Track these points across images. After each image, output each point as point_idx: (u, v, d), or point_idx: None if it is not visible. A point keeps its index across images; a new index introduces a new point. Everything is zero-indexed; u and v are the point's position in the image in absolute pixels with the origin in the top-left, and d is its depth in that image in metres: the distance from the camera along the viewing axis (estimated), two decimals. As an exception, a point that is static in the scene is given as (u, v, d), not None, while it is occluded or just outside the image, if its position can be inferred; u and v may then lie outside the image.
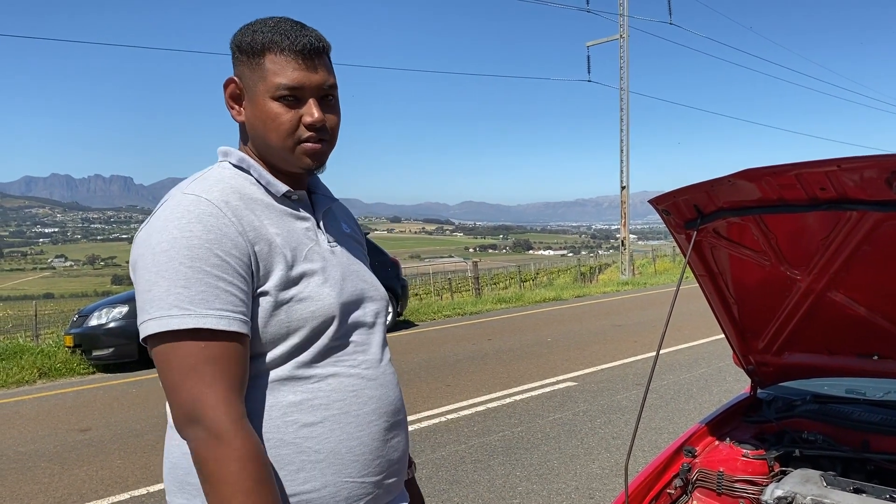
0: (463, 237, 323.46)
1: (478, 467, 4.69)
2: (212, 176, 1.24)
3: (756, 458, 2.39)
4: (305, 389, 1.20)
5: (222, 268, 1.12)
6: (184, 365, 1.09)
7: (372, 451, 1.25)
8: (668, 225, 2.37)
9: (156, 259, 1.11)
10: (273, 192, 1.26)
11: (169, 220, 1.13)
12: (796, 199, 1.99)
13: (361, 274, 1.35)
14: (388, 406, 1.30)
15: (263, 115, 1.21)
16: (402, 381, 7.42)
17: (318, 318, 1.21)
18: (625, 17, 24.87)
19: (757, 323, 2.57)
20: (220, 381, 1.09)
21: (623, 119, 25.14)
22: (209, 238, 1.12)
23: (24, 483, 4.83)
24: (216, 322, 1.10)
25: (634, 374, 7.32)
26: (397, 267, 11.61)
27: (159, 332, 1.09)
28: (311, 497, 1.19)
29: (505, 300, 15.69)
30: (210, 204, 1.15)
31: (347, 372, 1.25)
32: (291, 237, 1.24)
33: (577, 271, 28.47)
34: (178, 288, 1.09)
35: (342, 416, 1.22)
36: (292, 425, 1.19)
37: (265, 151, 1.26)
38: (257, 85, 1.21)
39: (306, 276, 1.22)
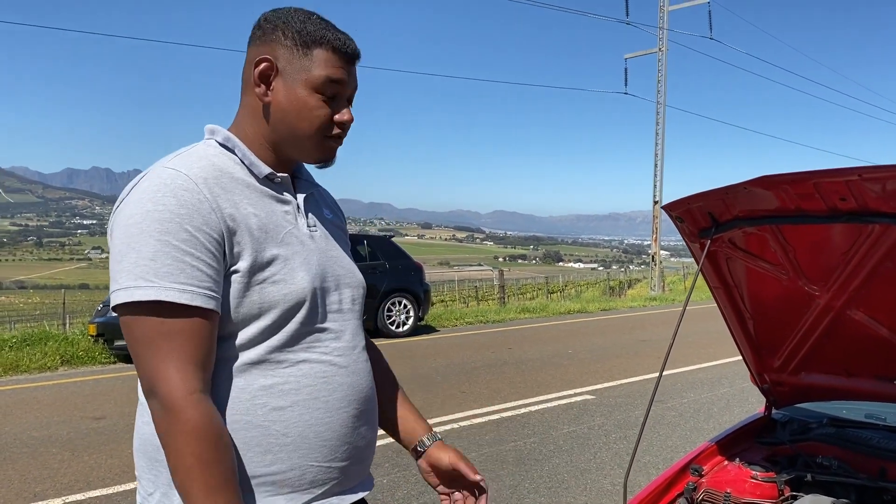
0: (493, 246, 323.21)
1: (487, 476, 4.58)
2: (195, 152, 1.23)
3: (766, 480, 2.28)
4: (276, 374, 1.20)
5: (191, 243, 1.11)
6: (145, 337, 1.09)
7: (339, 437, 1.26)
8: (681, 233, 2.28)
9: (128, 231, 1.11)
10: (256, 173, 1.26)
11: (145, 192, 1.13)
12: (815, 210, 1.89)
13: (340, 260, 1.35)
14: (358, 394, 1.30)
15: (300, 104, 1.23)
16: (417, 386, 7.37)
17: (290, 301, 1.20)
18: (664, 31, 24.65)
19: (773, 340, 2.47)
20: (178, 355, 1.09)
21: (658, 133, 24.89)
22: (181, 213, 1.11)
23: (34, 467, 4.86)
24: (178, 295, 1.09)
25: (654, 391, 7.17)
26: (420, 271, 11.56)
27: (125, 303, 1.10)
28: (277, 479, 1.20)
29: (529, 310, 15.57)
30: (187, 179, 1.15)
31: (319, 358, 1.25)
32: (270, 219, 1.23)
33: (605, 285, 28.20)
34: (146, 260, 1.09)
35: (311, 401, 1.22)
36: (262, 408, 1.19)
37: (284, 136, 1.26)
38: (299, 73, 1.23)
39: (280, 259, 1.21)
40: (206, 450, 1.07)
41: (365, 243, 11.28)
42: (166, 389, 1.08)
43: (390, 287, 10.92)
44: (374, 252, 11.13)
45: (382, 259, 11.08)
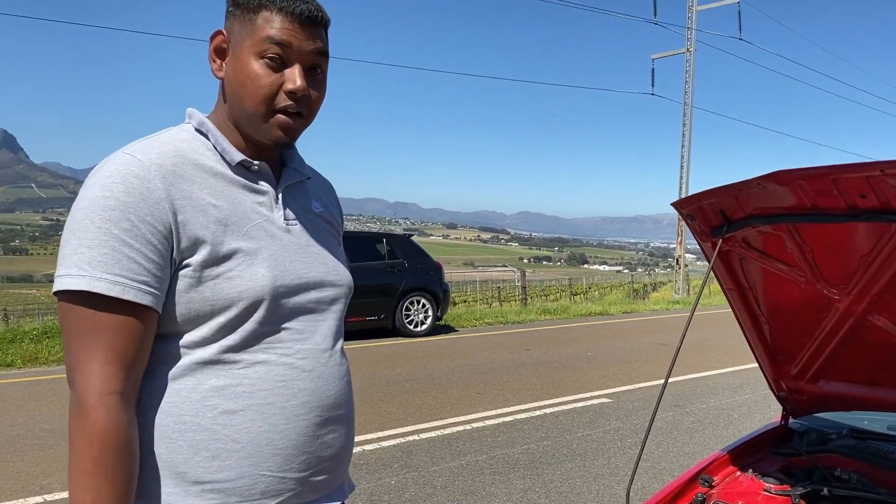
0: (518, 247, 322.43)
1: (496, 479, 4.51)
2: (161, 137, 1.16)
3: (780, 493, 2.17)
4: (230, 375, 1.13)
5: (132, 233, 1.05)
6: (73, 328, 1.05)
7: (297, 447, 1.17)
8: (693, 232, 2.17)
9: (74, 216, 1.07)
10: (228, 160, 1.18)
11: (98, 178, 1.08)
12: (833, 208, 1.78)
13: (320, 256, 1.26)
14: (323, 400, 1.21)
15: (243, 74, 1.14)
16: (432, 386, 7.29)
17: (246, 300, 1.13)
18: (693, 31, 24.33)
19: (790, 345, 2.35)
20: (100, 352, 1.04)
21: (685, 134, 24.58)
22: (126, 201, 1.06)
23: (43, 460, 4.85)
24: (109, 287, 1.03)
25: (673, 395, 7.01)
26: (440, 271, 11.47)
27: (58, 291, 1.06)
28: (224, 486, 1.13)
29: (550, 311, 15.40)
30: (140, 165, 1.09)
31: (278, 360, 1.17)
32: (234, 210, 1.16)
33: (629, 288, 27.89)
34: (84, 248, 1.04)
35: (266, 406, 1.14)
36: (212, 410, 1.12)
37: (238, 115, 1.18)
38: (244, 40, 1.14)
39: (241, 254, 1.14)
40: (104, 456, 1.01)
41: (384, 242, 11.22)
42: (83, 386, 1.03)
43: (409, 286, 10.84)
44: (394, 251, 11.05)
45: (401, 258, 11.00)
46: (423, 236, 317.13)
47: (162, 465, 1.10)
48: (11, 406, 6.44)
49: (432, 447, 5.20)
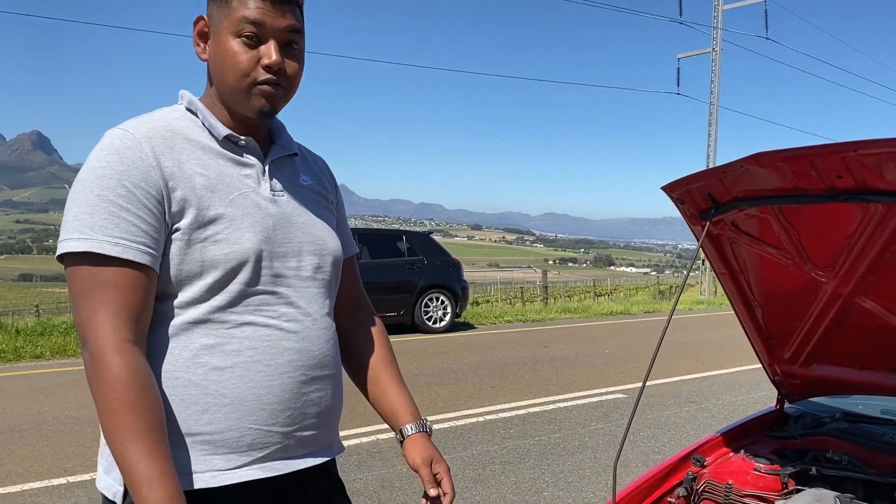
0: (543, 249, 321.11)
1: (506, 469, 4.58)
2: (154, 115, 1.26)
3: (769, 473, 2.21)
4: (219, 334, 1.20)
5: (128, 198, 1.13)
6: (79, 287, 1.12)
7: (282, 402, 1.24)
8: (683, 215, 2.22)
9: (75, 186, 1.15)
10: (215, 135, 1.26)
11: (95, 152, 1.17)
12: (813, 189, 1.82)
13: (306, 226, 1.32)
14: (307, 360, 1.27)
15: (223, 53, 1.21)
16: (448, 380, 7.37)
17: (232, 261, 1.20)
18: (718, 31, 24.15)
19: (782, 329, 2.39)
20: (107, 306, 1.10)
21: (711, 134, 24.41)
22: (120, 169, 1.14)
23: (67, 444, 5.02)
24: (110, 248, 1.11)
25: (689, 392, 7.02)
26: (458, 268, 11.55)
27: (63, 254, 1.13)
28: (213, 438, 1.19)
29: (571, 311, 15.41)
30: (132, 138, 1.17)
31: (265, 322, 1.23)
32: (220, 179, 1.23)
33: (655, 289, 27.69)
34: (84, 214, 1.12)
35: (252, 364, 1.21)
36: (202, 367, 1.19)
37: (223, 92, 1.26)
38: (222, 22, 1.21)
39: (225, 219, 1.20)
40: (129, 396, 1.08)
41: (404, 239, 11.33)
42: (94, 337, 1.09)
43: (428, 283, 10.93)
44: (413, 248, 11.16)
45: (421, 255, 11.10)
46: (448, 237, 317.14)
47: None
48: (40, 395, 6.64)
49: (445, 437, 5.28)
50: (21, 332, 9.77)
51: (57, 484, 4.26)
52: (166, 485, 1.07)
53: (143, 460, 1.07)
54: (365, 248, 10.75)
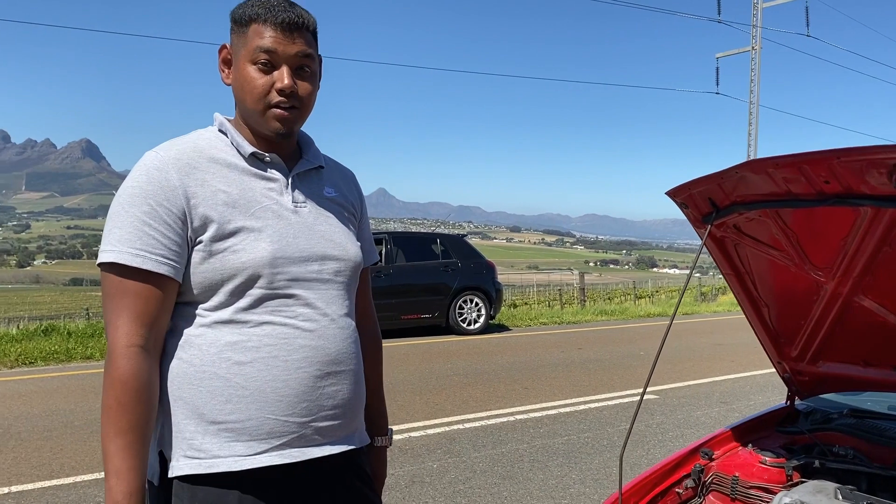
0: (584, 250, 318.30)
1: (535, 466, 4.69)
2: (186, 137, 1.40)
3: (774, 465, 2.30)
4: (241, 332, 1.33)
5: (151, 215, 1.27)
6: (106, 293, 1.28)
7: (298, 395, 1.35)
8: (688, 219, 2.33)
9: (112, 203, 1.31)
10: (242, 153, 1.39)
11: (131, 173, 1.33)
12: (804, 194, 1.92)
13: (327, 234, 1.44)
14: (323, 357, 1.38)
15: (241, 79, 1.35)
16: (480, 380, 7.50)
17: (249, 269, 1.32)
18: (758, 29, 23.84)
19: (789, 328, 2.47)
20: (125, 312, 1.25)
21: (751, 133, 24.10)
22: (148, 189, 1.28)
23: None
24: (131, 259, 1.25)
25: (721, 393, 7.04)
26: (492, 270, 11.65)
27: (98, 263, 1.29)
28: (236, 427, 1.32)
29: (607, 312, 15.39)
30: (162, 159, 1.31)
31: (283, 321, 1.35)
32: (243, 195, 1.36)
33: (697, 291, 27.37)
34: (115, 228, 1.27)
35: (270, 359, 1.33)
36: (226, 362, 1.32)
37: (244, 114, 1.39)
38: (241, 51, 1.35)
39: (245, 230, 1.33)
40: (122, 395, 1.22)
41: (438, 242, 11.47)
42: (111, 339, 1.25)
43: (462, 285, 11.07)
44: (447, 251, 11.30)
45: (455, 258, 11.24)
46: (486, 239, 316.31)
47: (186, 407, 1.31)
48: (90, 393, 6.95)
49: (475, 436, 5.42)
50: (72, 334, 10.18)
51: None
52: (130, 480, 1.22)
53: (118, 454, 1.22)
54: (400, 250, 10.93)
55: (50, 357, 9.00)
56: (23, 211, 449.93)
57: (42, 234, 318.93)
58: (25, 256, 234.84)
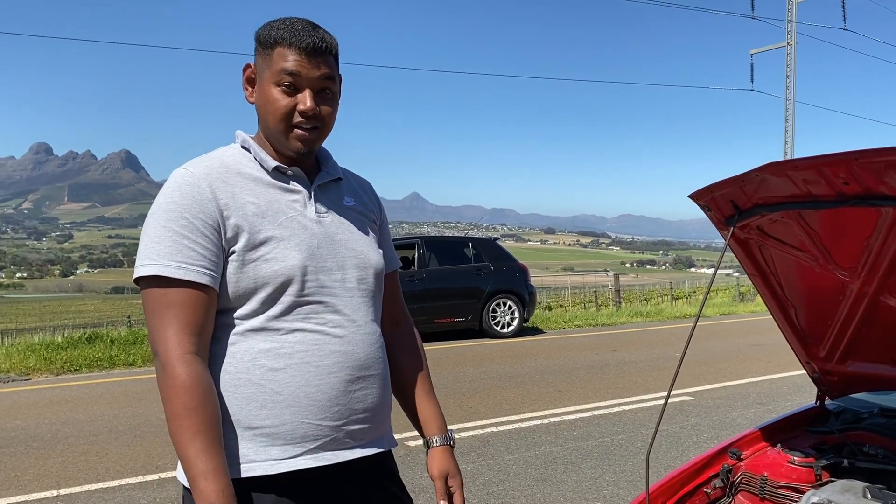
0: (619, 251, 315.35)
1: (568, 468, 4.71)
2: (212, 154, 1.46)
3: (803, 465, 2.31)
4: (273, 339, 1.37)
5: (188, 228, 1.32)
6: (150, 307, 1.31)
7: (330, 399, 1.40)
8: (711, 221, 2.35)
9: (147, 221, 1.36)
10: (266, 168, 1.44)
11: (162, 190, 1.38)
12: (825, 195, 1.93)
13: (349, 243, 1.49)
14: (352, 361, 1.43)
15: (265, 99, 1.40)
16: (514, 384, 7.53)
17: (281, 277, 1.37)
18: (793, 24, 23.47)
19: (816, 328, 2.48)
20: (173, 322, 1.29)
21: (787, 130, 23.72)
22: (182, 203, 1.33)
23: (159, 444, 5.43)
24: (174, 271, 1.30)
25: (757, 393, 6.97)
26: (525, 273, 11.66)
27: (137, 278, 1.33)
28: (271, 431, 1.36)
29: (642, 314, 15.28)
30: (192, 175, 1.37)
31: (313, 328, 1.40)
32: (270, 206, 1.41)
33: (735, 290, 26.97)
34: (153, 243, 1.32)
35: (303, 365, 1.38)
36: (259, 369, 1.36)
37: (266, 132, 1.44)
38: (265, 72, 1.40)
39: (274, 240, 1.38)
40: (191, 400, 1.25)
41: (470, 246, 11.52)
42: (163, 349, 1.27)
43: (495, 288, 11.10)
44: (479, 254, 11.34)
45: (487, 261, 11.28)
46: (521, 242, 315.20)
47: (222, 413, 1.33)
48: (133, 399, 7.15)
49: (509, 438, 5.45)
50: (115, 341, 10.45)
51: (150, 479, 4.64)
52: (218, 479, 1.24)
53: (200, 457, 1.24)
54: (433, 255, 11.00)
55: (94, 364, 9.26)
56: (65, 221, 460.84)
57: (84, 243, 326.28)
58: (69, 266, 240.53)
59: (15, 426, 6.12)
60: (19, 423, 6.21)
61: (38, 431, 5.92)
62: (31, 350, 9.78)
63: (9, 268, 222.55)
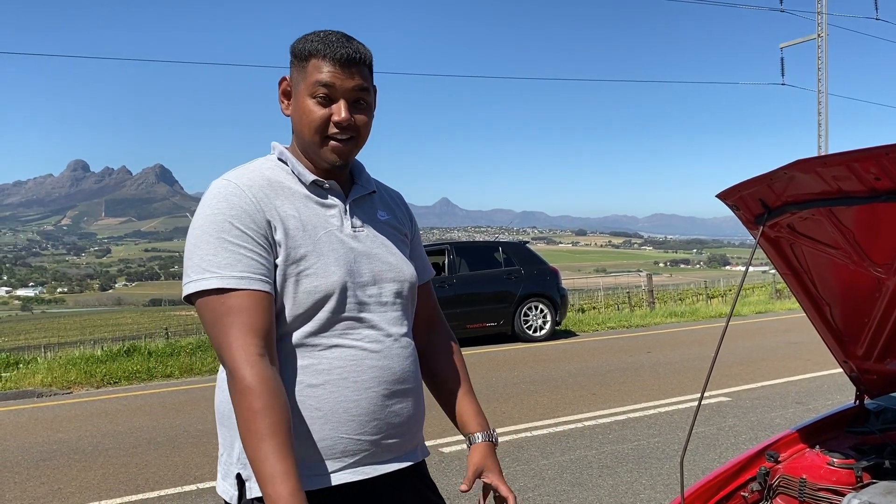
0: (652, 251, 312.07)
1: (604, 473, 4.67)
2: (250, 166, 1.46)
3: (843, 466, 2.26)
4: (312, 356, 1.38)
5: (242, 238, 1.32)
6: (211, 317, 1.30)
7: (368, 414, 1.40)
8: (740, 220, 2.32)
9: (194, 233, 1.34)
10: (303, 181, 1.44)
11: (206, 201, 1.37)
12: (856, 191, 1.90)
13: (384, 257, 1.49)
14: (389, 376, 1.43)
15: (300, 111, 1.40)
16: (547, 388, 7.49)
17: (320, 293, 1.37)
18: (823, 16, 23.08)
19: (852, 326, 2.43)
20: (237, 329, 1.28)
21: (821, 124, 23.30)
22: (231, 214, 1.33)
23: (196, 455, 5.51)
24: (236, 282, 1.30)
25: (796, 393, 6.84)
26: (556, 276, 11.60)
27: (194, 292, 1.31)
28: (310, 446, 1.37)
29: (677, 314, 15.10)
30: (236, 187, 1.37)
31: (351, 344, 1.40)
32: (310, 220, 1.41)
33: (772, 288, 26.52)
34: (209, 255, 1.31)
35: (341, 381, 1.38)
36: (298, 385, 1.37)
37: (302, 144, 1.45)
38: (300, 84, 1.40)
39: (313, 255, 1.38)
40: (259, 403, 1.23)
41: (500, 250, 11.50)
42: (230, 357, 1.26)
43: (526, 292, 11.06)
44: (510, 258, 11.31)
45: (517, 265, 11.25)
46: (552, 244, 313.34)
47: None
48: (171, 410, 7.25)
49: (543, 443, 5.42)
50: (153, 353, 10.63)
51: (188, 490, 4.70)
52: (290, 481, 1.21)
53: (270, 459, 1.21)
54: (463, 260, 11.00)
55: (133, 376, 9.42)
56: (103, 237, 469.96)
57: (122, 257, 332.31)
58: (107, 280, 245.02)
59: (57, 439, 6.25)
60: (61, 436, 6.34)
61: (80, 444, 6.04)
62: (72, 364, 9.99)
63: (50, 283, 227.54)
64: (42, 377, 9.32)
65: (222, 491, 1.41)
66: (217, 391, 1.45)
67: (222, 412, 1.42)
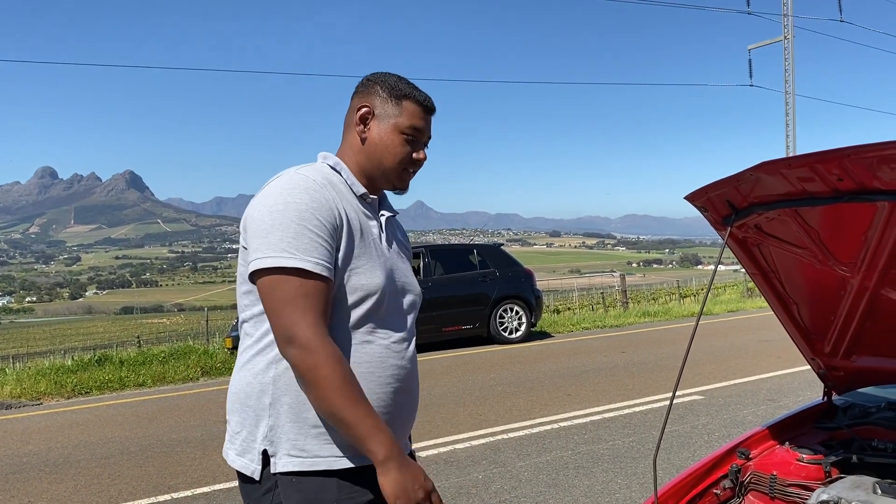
0: (625, 251, 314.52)
1: (579, 473, 4.70)
2: (315, 167, 1.60)
3: (812, 462, 2.30)
4: (343, 348, 1.49)
5: (320, 228, 1.46)
6: (286, 295, 1.41)
7: (384, 407, 1.54)
8: (708, 222, 2.35)
9: (273, 216, 1.45)
10: (354, 192, 1.61)
11: (284, 189, 1.48)
12: (820, 192, 1.94)
13: (406, 271, 1.69)
14: (405, 375, 1.60)
15: (388, 141, 1.60)
16: (523, 389, 7.53)
17: (365, 291, 1.52)
18: (789, 18, 23.47)
19: (819, 324, 2.47)
20: (310, 310, 1.41)
21: (788, 124, 23.70)
22: (313, 206, 1.46)
23: (170, 464, 5.44)
24: (313, 266, 1.42)
25: (768, 390, 6.94)
26: (531, 277, 11.65)
27: (271, 267, 1.42)
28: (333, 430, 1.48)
29: (650, 314, 15.25)
30: (314, 182, 1.51)
31: (378, 342, 1.55)
32: (362, 226, 1.58)
33: (743, 286, 26.87)
34: (289, 238, 1.43)
35: (367, 374, 1.51)
36: None
37: (371, 165, 1.63)
38: (390, 118, 1.60)
39: (365, 257, 1.54)
40: (346, 372, 1.40)
41: (475, 252, 11.53)
42: (307, 334, 1.39)
43: (501, 294, 11.10)
44: (484, 261, 11.34)
45: (492, 267, 11.27)
46: (527, 246, 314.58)
47: (290, 411, 1.47)
48: (144, 420, 7.16)
49: (520, 445, 5.44)
50: (125, 362, 10.49)
51: (162, 500, 4.65)
52: (387, 430, 1.41)
53: (370, 416, 1.40)
54: (438, 263, 11.01)
55: (104, 386, 9.29)
56: (73, 244, 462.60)
57: (92, 265, 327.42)
58: (77, 288, 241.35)
59: (27, 451, 6.14)
60: (31, 448, 6.23)
61: (50, 456, 5.94)
62: (42, 374, 9.83)
63: (18, 292, 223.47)
64: (11, 388, 9.16)
65: (241, 466, 1.53)
66: (243, 373, 1.54)
67: (248, 394, 1.51)
